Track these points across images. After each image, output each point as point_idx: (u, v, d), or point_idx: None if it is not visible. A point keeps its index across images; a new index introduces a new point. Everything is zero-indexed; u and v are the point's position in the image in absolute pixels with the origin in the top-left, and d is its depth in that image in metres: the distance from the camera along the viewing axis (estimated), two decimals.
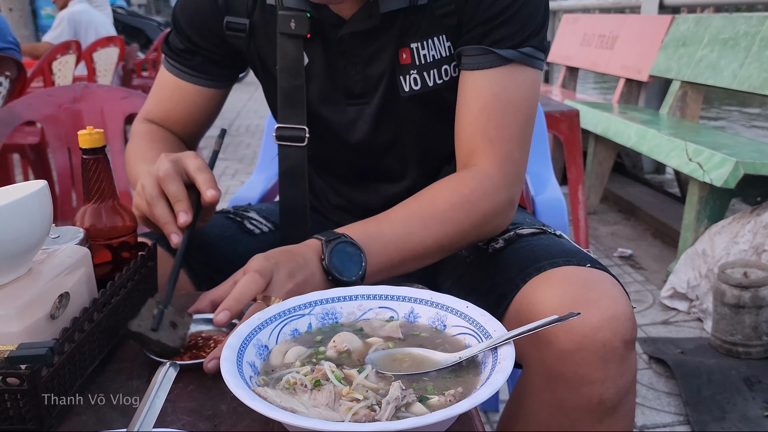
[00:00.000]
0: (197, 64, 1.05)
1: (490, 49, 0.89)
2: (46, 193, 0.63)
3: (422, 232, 0.86)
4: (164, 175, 0.80)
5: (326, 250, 0.79)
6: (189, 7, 1.02)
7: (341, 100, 1.00)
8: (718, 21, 3.25)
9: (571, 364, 0.76)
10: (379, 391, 0.57)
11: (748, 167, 2.18)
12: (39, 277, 0.64)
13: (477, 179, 0.89)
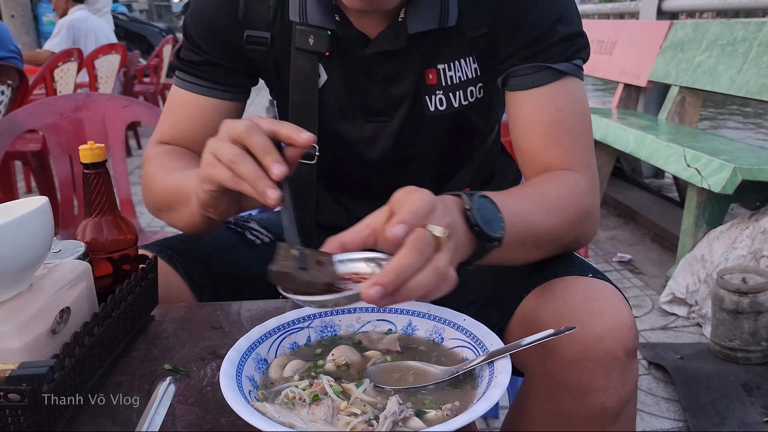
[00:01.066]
0: (216, 75, 1.00)
1: (546, 65, 0.89)
2: (47, 209, 0.64)
3: (542, 215, 0.81)
4: (246, 128, 0.69)
5: (471, 202, 0.70)
6: (204, 19, 0.98)
7: (360, 117, 0.99)
8: (715, 27, 3.26)
9: (574, 374, 0.77)
10: (377, 405, 0.58)
11: (745, 173, 2.19)
12: (40, 293, 0.65)
13: (574, 178, 0.89)
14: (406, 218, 0.59)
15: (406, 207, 0.60)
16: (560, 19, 0.89)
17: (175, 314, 0.86)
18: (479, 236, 0.70)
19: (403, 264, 0.56)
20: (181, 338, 0.79)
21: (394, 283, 0.56)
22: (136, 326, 0.79)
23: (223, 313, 0.86)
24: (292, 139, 0.70)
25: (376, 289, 0.55)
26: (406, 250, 0.57)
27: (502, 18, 0.90)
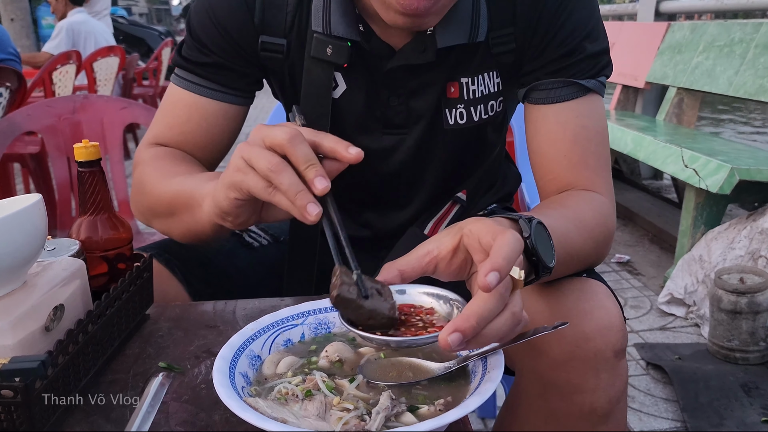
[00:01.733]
0: (224, 78, 0.95)
1: (573, 81, 0.89)
2: (41, 206, 0.64)
3: (577, 239, 0.80)
4: (289, 137, 0.64)
5: (531, 228, 0.68)
6: (217, 20, 0.92)
7: (378, 129, 0.97)
8: (713, 28, 3.27)
9: (563, 373, 0.77)
10: (369, 401, 0.58)
11: (743, 173, 2.20)
12: (34, 290, 0.65)
13: (600, 201, 0.88)
14: (501, 265, 0.55)
15: (499, 252, 0.56)
16: (589, 35, 0.89)
17: (170, 313, 0.86)
18: (534, 265, 0.69)
19: (483, 309, 0.55)
20: (175, 337, 0.79)
21: (475, 330, 0.54)
22: (131, 325, 0.79)
23: (217, 311, 0.86)
24: (337, 153, 0.66)
25: (455, 335, 0.54)
26: (487, 295, 0.55)
27: (533, 34, 0.90)
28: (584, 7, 0.89)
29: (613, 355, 0.77)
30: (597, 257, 0.87)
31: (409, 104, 0.95)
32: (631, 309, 2.51)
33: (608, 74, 0.92)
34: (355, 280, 0.61)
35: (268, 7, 0.91)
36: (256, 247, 1.09)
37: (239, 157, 0.67)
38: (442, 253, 0.62)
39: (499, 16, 0.90)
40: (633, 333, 2.31)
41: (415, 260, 0.63)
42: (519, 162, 1.56)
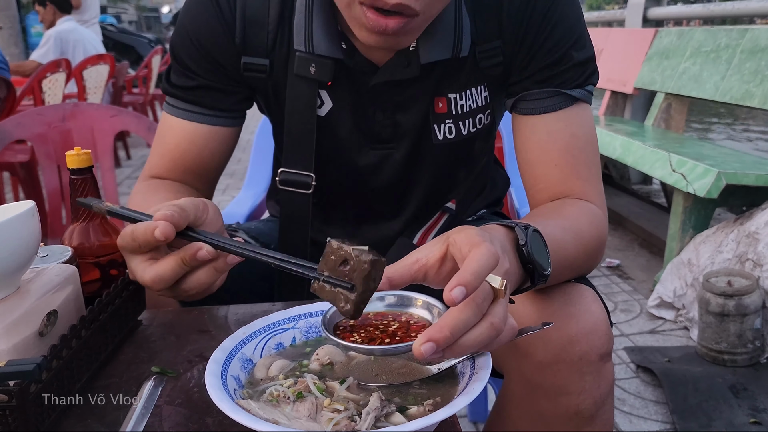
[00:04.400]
0: (210, 100, 0.96)
1: (560, 91, 0.89)
2: (34, 213, 0.64)
3: (572, 249, 0.81)
4: (128, 255, 0.69)
5: (527, 236, 0.69)
6: (198, 42, 0.93)
7: (365, 145, 0.97)
8: (699, 34, 3.31)
9: (549, 376, 0.78)
10: (359, 402, 0.59)
11: (729, 177, 2.22)
12: (27, 296, 0.65)
13: (594, 211, 0.89)
14: (468, 280, 0.54)
15: (469, 267, 0.56)
16: (575, 43, 0.89)
17: (162, 318, 0.87)
18: (530, 273, 0.70)
19: (458, 320, 0.55)
20: (168, 341, 0.80)
21: (448, 340, 0.54)
22: (124, 330, 0.79)
23: (210, 316, 0.86)
24: (149, 235, 0.65)
25: (428, 345, 0.54)
26: (462, 305, 0.55)
27: (520, 45, 0.90)
28: (570, 16, 0.89)
29: (598, 358, 0.78)
30: (589, 267, 0.88)
31: (395, 119, 0.95)
32: (621, 313, 2.53)
33: (595, 82, 0.93)
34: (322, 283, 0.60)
35: (249, 27, 0.91)
36: None
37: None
38: (430, 262, 0.63)
39: (485, 30, 0.91)
40: (623, 336, 2.33)
41: (404, 268, 0.63)
42: (508, 166, 1.58)
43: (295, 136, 0.95)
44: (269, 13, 0.91)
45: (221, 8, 0.91)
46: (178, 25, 0.95)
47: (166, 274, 0.67)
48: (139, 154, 5.87)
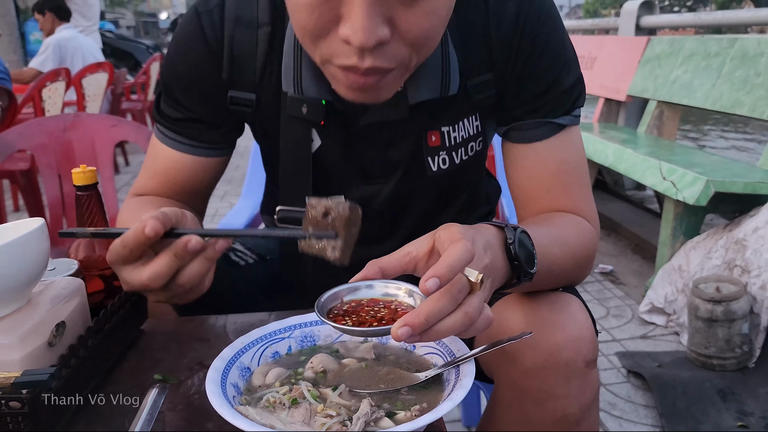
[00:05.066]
0: (199, 132, 0.97)
1: (548, 120, 0.91)
2: (44, 230, 0.68)
3: (560, 258, 0.84)
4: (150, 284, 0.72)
5: (515, 235, 0.74)
6: (185, 76, 0.94)
7: (355, 181, 0.99)
8: (690, 43, 3.36)
9: (537, 381, 0.81)
10: (351, 408, 0.63)
11: (718, 185, 2.27)
12: (38, 308, 0.69)
13: (585, 226, 0.92)
14: (441, 272, 0.60)
15: (444, 260, 0.61)
16: (563, 68, 0.91)
17: (163, 328, 0.90)
18: (516, 270, 0.74)
19: (433, 308, 0.60)
20: (169, 350, 0.84)
21: (423, 326, 0.60)
22: (127, 339, 0.83)
23: (209, 326, 0.90)
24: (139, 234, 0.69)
25: (404, 329, 0.59)
26: (439, 295, 0.61)
27: (510, 75, 0.91)
28: (556, 42, 0.91)
29: (584, 365, 0.81)
30: (577, 277, 0.92)
31: (386, 155, 0.96)
32: (613, 318, 2.57)
33: (582, 104, 0.94)
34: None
35: (236, 62, 0.92)
36: (242, 265, 1.12)
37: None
38: (419, 255, 0.68)
39: (476, 64, 0.91)
40: (614, 342, 2.37)
41: (396, 260, 0.68)
42: (499, 174, 1.62)
43: (291, 175, 0.97)
44: (257, 49, 0.92)
45: (209, 42, 0.92)
46: (167, 56, 0.97)
47: (162, 270, 0.70)
48: (137, 161, 5.91)
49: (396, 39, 0.71)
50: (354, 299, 0.71)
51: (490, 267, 0.69)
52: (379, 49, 0.70)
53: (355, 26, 0.67)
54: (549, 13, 0.90)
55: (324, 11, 0.69)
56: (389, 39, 0.70)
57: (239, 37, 0.92)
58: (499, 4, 0.89)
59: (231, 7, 0.91)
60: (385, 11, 0.68)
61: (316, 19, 0.70)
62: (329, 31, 0.71)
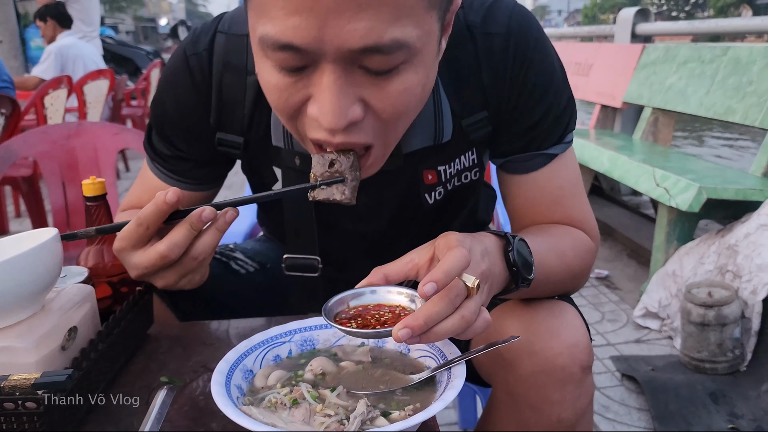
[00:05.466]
0: (185, 170, 0.99)
1: (542, 152, 0.93)
2: (57, 240, 0.72)
3: (556, 268, 0.87)
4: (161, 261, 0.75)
5: (514, 242, 0.77)
6: (173, 115, 0.95)
7: (352, 219, 1.02)
8: (685, 50, 3.41)
9: (533, 386, 0.84)
10: (348, 408, 0.66)
11: (710, 192, 2.31)
12: (51, 314, 0.73)
13: (582, 237, 0.95)
14: (438, 277, 0.63)
15: (441, 266, 0.65)
16: (554, 95, 0.91)
17: (169, 332, 0.94)
18: (515, 276, 0.78)
19: (431, 311, 0.64)
20: (175, 353, 0.87)
21: (422, 328, 0.63)
22: (135, 343, 0.87)
23: (212, 330, 0.94)
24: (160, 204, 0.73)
25: (405, 331, 0.63)
26: (437, 299, 0.64)
27: (504, 110, 0.92)
28: (546, 71, 0.91)
29: (579, 370, 0.83)
30: (573, 286, 0.95)
31: (382, 197, 0.98)
32: (608, 323, 2.60)
33: (573, 128, 0.95)
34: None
35: (225, 107, 0.93)
36: (243, 273, 1.15)
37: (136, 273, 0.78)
38: (421, 262, 0.72)
39: (471, 104, 0.92)
40: (609, 346, 2.40)
41: (399, 266, 0.72)
42: (494, 180, 1.65)
43: (296, 225, 0.99)
44: (246, 96, 0.92)
45: (197, 85, 0.93)
46: (156, 94, 0.98)
47: (179, 239, 0.74)
48: (137, 166, 5.94)
49: (370, 116, 0.70)
50: (360, 304, 0.74)
51: (487, 273, 0.72)
52: (351, 127, 0.69)
53: (324, 109, 0.66)
54: (537, 40, 0.90)
55: (293, 92, 0.68)
56: (362, 118, 0.69)
57: (228, 82, 0.92)
58: (486, 41, 0.89)
59: (220, 51, 0.91)
60: (356, 91, 0.67)
61: (285, 100, 0.70)
62: (301, 110, 0.71)
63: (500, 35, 0.88)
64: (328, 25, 0.61)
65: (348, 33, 0.61)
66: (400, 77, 0.68)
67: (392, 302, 0.74)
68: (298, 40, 0.62)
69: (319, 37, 0.62)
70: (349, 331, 0.69)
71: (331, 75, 0.65)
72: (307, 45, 0.63)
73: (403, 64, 0.67)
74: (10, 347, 0.68)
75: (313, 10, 0.60)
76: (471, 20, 0.89)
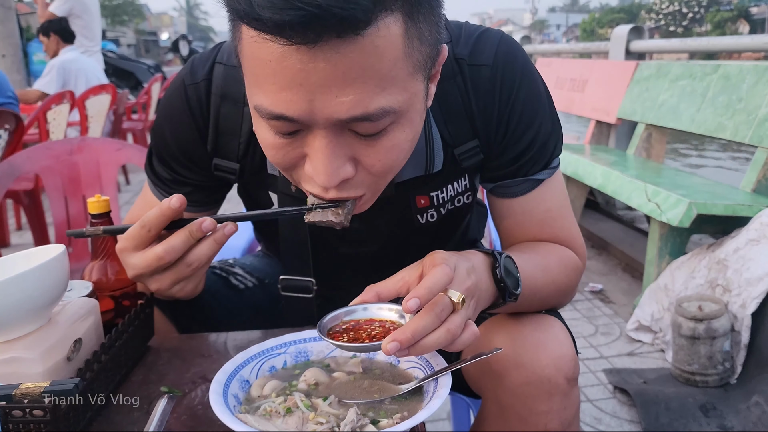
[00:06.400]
0: (185, 193, 0.95)
1: (528, 178, 0.97)
2: (65, 256, 0.76)
3: (540, 278, 0.90)
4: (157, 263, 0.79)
5: (501, 260, 0.81)
6: (172, 143, 0.99)
7: (344, 244, 1.05)
8: (677, 68, 3.46)
9: (520, 397, 0.87)
10: (339, 416, 0.70)
11: (700, 207, 2.35)
12: (57, 326, 0.77)
13: (568, 254, 0.99)
14: (421, 293, 0.68)
15: (423, 283, 0.69)
16: (541, 124, 0.95)
17: (168, 344, 0.98)
18: (502, 291, 0.82)
19: (418, 325, 0.67)
20: (174, 365, 0.91)
21: (410, 341, 0.67)
22: (136, 354, 0.90)
23: (210, 342, 0.98)
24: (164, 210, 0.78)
25: (393, 344, 0.66)
26: (423, 313, 0.68)
27: (494, 138, 0.95)
28: (533, 99, 0.94)
29: (565, 382, 0.87)
30: (559, 301, 0.99)
31: (374, 223, 1.02)
32: (601, 336, 2.64)
33: (559, 153, 0.99)
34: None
35: (221, 135, 0.97)
36: (242, 289, 1.18)
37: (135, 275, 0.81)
38: (411, 279, 0.75)
39: (461, 134, 0.95)
40: (602, 358, 2.44)
41: (391, 284, 0.75)
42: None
43: (292, 247, 1.03)
44: (242, 126, 0.96)
45: (194, 115, 0.97)
46: (156, 121, 1.02)
47: (177, 244, 0.78)
48: (137, 179, 5.99)
49: (361, 171, 0.75)
50: (352, 319, 0.78)
51: (473, 288, 0.75)
52: (343, 184, 0.74)
53: (318, 169, 0.71)
54: (523, 71, 0.93)
55: (289, 150, 0.73)
56: (353, 175, 0.74)
57: (225, 112, 0.96)
58: (474, 72, 0.92)
59: (218, 83, 0.95)
60: (347, 152, 0.72)
61: (282, 156, 0.74)
62: (297, 165, 0.75)
63: (487, 67, 0.92)
64: (317, 99, 0.65)
65: (336, 105, 0.66)
66: (388, 136, 0.72)
67: (383, 318, 0.78)
68: (291, 112, 0.67)
69: (309, 110, 0.66)
70: (342, 345, 0.73)
71: (323, 140, 0.69)
72: (298, 116, 0.67)
73: (391, 125, 0.71)
74: (19, 358, 0.71)
75: (303, 86, 0.64)
76: (459, 54, 0.92)
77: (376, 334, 0.75)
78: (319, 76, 0.63)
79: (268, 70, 0.65)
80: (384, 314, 0.78)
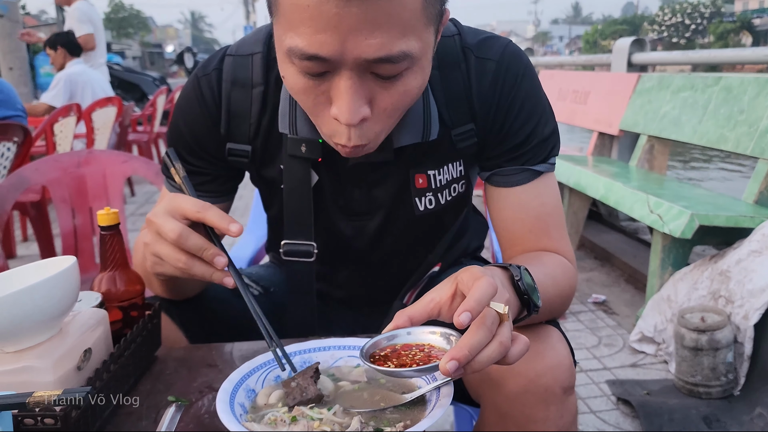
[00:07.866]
0: (200, 183, 1.07)
1: (527, 168, 1.01)
2: (75, 268, 0.78)
3: (551, 290, 0.92)
4: (176, 236, 0.80)
5: (521, 273, 0.83)
6: (187, 134, 1.05)
7: (342, 217, 1.09)
8: (678, 80, 3.49)
9: (518, 405, 0.89)
10: (343, 425, 0.71)
11: (702, 219, 2.36)
12: (68, 336, 0.78)
13: (566, 263, 1.02)
14: (472, 306, 0.68)
15: (472, 295, 0.69)
16: (540, 120, 1.00)
17: (175, 354, 0.99)
18: (525, 303, 0.83)
19: (473, 341, 0.67)
20: (181, 374, 0.92)
21: (468, 358, 0.66)
22: (144, 364, 0.92)
23: (217, 352, 0.99)
24: (222, 229, 0.81)
25: (452, 363, 0.65)
26: (476, 328, 0.67)
27: (491, 127, 1.00)
28: (533, 95, 1.00)
29: (562, 391, 0.88)
30: (560, 311, 1.01)
31: (372, 194, 1.06)
32: (604, 347, 2.64)
33: (557, 153, 1.04)
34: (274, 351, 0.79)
35: (233, 119, 1.03)
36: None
37: (150, 254, 0.85)
38: (443, 299, 0.76)
39: (458, 115, 1.01)
40: (605, 370, 2.44)
41: (422, 307, 0.75)
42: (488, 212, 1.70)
43: (295, 211, 1.06)
44: (251, 107, 1.03)
45: (207, 103, 1.03)
46: (172, 119, 1.08)
47: (190, 240, 0.81)
48: (143, 191, 6.03)
49: (374, 115, 0.82)
50: (389, 345, 0.77)
51: (509, 301, 0.77)
52: (361, 125, 0.82)
53: (342, 108, 0.79)
54: (526, 71, 1.00)
55: (318, 94, 0.80)
56: (370, 116, 0.82)
57: (235, 96, 1.02)
58: (479, 64, 0.99)
59: (228, 70, 1.02)
60: (366, 93, 0.80)
61: (311, 99, 0.82)
62: (323, 110, 0.83)
63: (493, 61, 0.99)
64: (348, 40, 0.73)
65: (365, 47, 0.74)
66: (402, 81, 0.80)
67: (420, 341, 0.77)
68: (324, 52, 0.74)
69: (340, 51, 0.74)
70: (402, 372, 0.71)
71: (348, 80, 0.77)
72: (330, 56, 0.75)
73: (407, 70, 0.79)
74: (31, 367, 0.73)
75: (337, 28, 0.72)
76: (467, 43, 1.00)
77: (420, 358, 0.74)
78: (351, 21, 0.72)
79: (305, 14, 0.73)
80: (424, 338, 0.77)
